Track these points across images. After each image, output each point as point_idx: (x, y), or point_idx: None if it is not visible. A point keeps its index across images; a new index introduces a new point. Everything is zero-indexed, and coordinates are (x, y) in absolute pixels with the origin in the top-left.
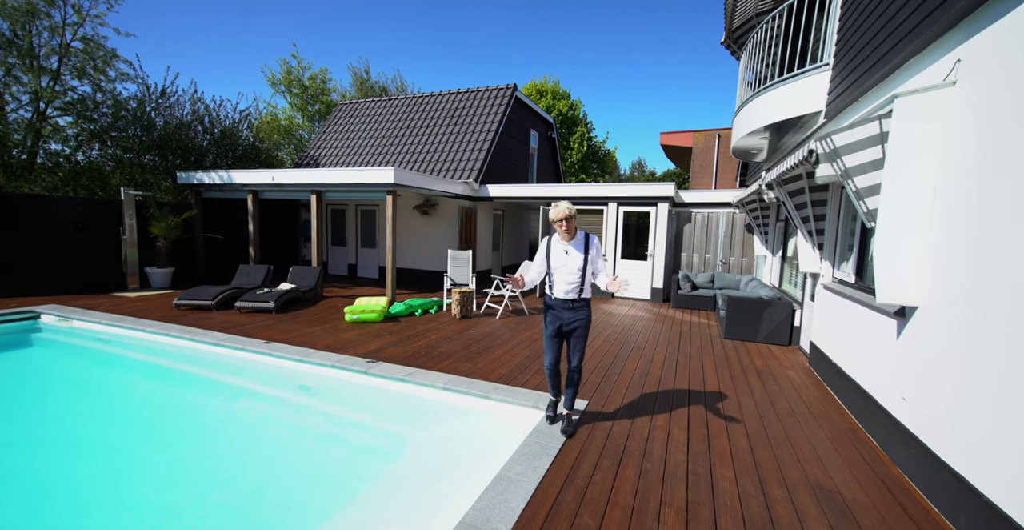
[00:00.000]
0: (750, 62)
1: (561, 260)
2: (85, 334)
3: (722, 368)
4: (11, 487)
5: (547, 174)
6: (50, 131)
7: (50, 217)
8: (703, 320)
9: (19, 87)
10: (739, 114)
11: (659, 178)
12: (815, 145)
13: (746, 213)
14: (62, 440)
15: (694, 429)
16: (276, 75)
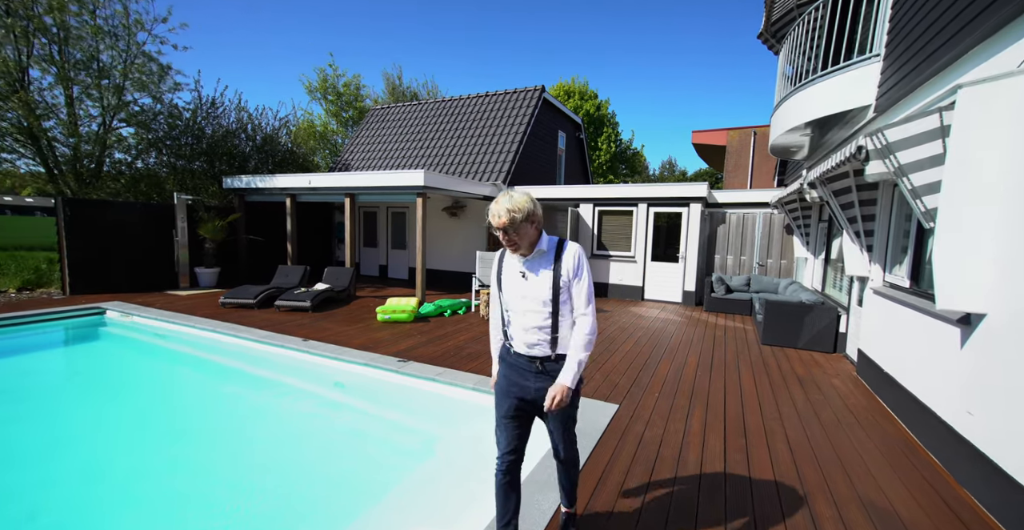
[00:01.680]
0: (790, 56)
1: (516, 288)
2: (144, 329)
3: (760, 374)
4: (74, 461)
5: (575, 175)
6: (114, 141)
7: (113, 221)
8: (738, 324)
9: (91, 102)
10: (778, 110)
11: (690, 178)
12: (865, 141)
13: (785, 213)
14: (118, 425)
15: (731, 438)
16: (313, 83)
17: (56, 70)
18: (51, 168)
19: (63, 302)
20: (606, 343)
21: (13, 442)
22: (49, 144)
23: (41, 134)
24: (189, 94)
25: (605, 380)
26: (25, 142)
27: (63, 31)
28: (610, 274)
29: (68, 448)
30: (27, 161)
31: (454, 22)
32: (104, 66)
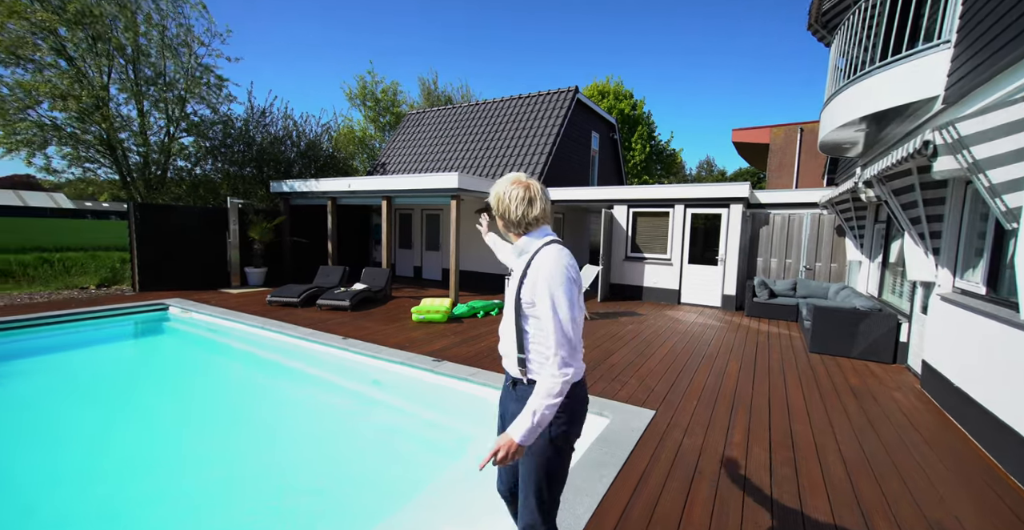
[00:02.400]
0: (843, 47)
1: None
2: (200, 324)
3: (808, 384)
4: (134, 442)
5: (609, 176)
6: (177, 150)
7: (175, 224)
8: (783, 331)
9: (158, 114)
10: (829, 105)
11: (730, 178)
12: (932, 135)
13: (836, 214)
14: (174, 412)
15: (777, 450)
16: (353, 90)
17: (130, 86)
18: (124, 175)
19: (133, 298)
20: (641, 347)
21: (93, 420)
22: (123, 154)
23: (117, 145)
24: (240, 106)
25: (641, 385)
26: (104, 152)
27: (136, 50)
28: (645, 277)
29: (130, 430)
30: (105, 169)
31: (489, 23)
32: (169, 80)
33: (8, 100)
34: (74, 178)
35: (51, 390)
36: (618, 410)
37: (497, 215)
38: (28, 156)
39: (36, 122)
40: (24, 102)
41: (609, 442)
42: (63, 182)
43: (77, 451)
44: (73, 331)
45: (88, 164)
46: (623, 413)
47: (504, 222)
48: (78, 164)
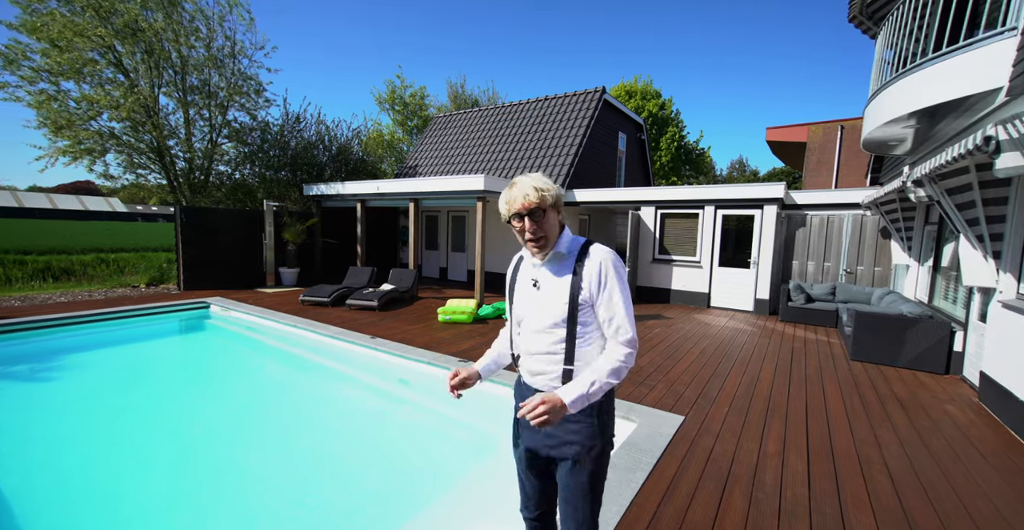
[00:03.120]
0: (890, 39)
1: (526, 301)
2: (239, 322)
3: (850, 393)
4: (179, 428)
5: (636, 177)
6: (219, 155)
7: (216, 226)
8: (821, 337)
9: (202, 121)
10: (875, 100)
11: (763, 178)
12: (995, 130)
13: (881, 215)
14: (213, 404)
15: (816, 461)
16: (382, 94)
17: (178, 95)
18: (172, 180)
19: (178, 297)
20: (670, 351)
21: (143, 409)
22: (171, 160)
23: (166, 151)
24: (277, 110)
25: (669, 390)
26: (155, 159)
27: (183, 62)
28: (673, 279)
29: (176, 420)
30: (155, 175)
31: (519, 24)
32: (213, 90)
33: (75, 113)
34: (128, 183)
35: (107, 381)
36: (646, 415)
37: (555, 207)
38: (90, 163)
39: (97, 132)
40: (88, 114)
41: (637, 447)
42: (119, 187)
43: (131, 435)
44: (126, 327)
45: (140, 170)
46: (651, 418)
47: (561, 213)
48: (132, 170)
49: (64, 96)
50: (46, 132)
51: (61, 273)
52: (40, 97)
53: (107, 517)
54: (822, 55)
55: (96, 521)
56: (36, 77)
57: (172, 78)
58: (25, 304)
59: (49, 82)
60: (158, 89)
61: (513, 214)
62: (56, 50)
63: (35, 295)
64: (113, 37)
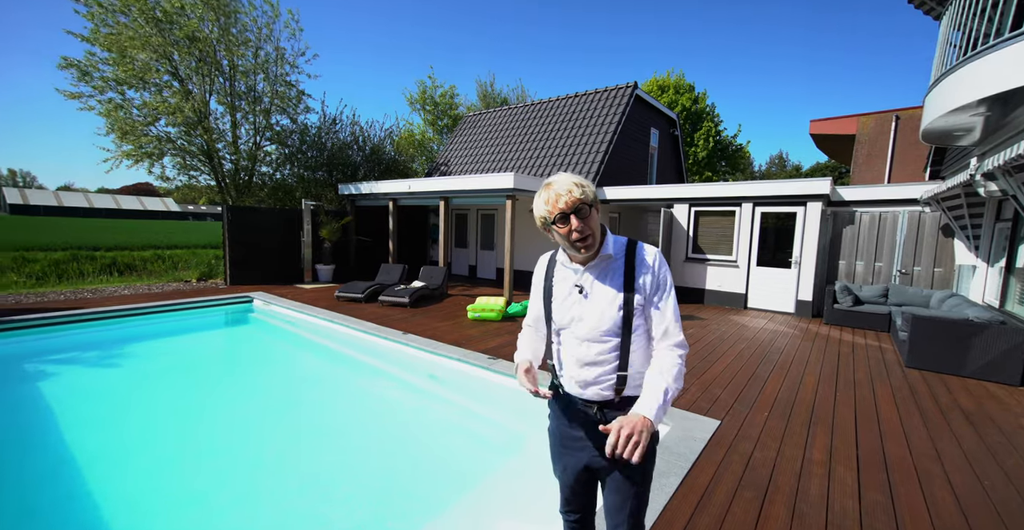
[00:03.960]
0: (957, 18)
1: (570, 308)
2: (279, 316)
3: (906, 403)
4: (222, 414)
5: (668, 174)
6: (262, 157)
7: (259, 224)
8: (872, 342)
9: (248, 125)
10: (939, 87)
11: (806, 173)
12: None
13: (943, 212)
14: (254, 392)
15: (868, 473)
16: (413, 95)
17: (227, 100)
18: (220, 181)
19: (225, 291)
20: (704, 352)
21: (195, 394)
22: (219, 162)
23: (215, 154)
24: (315, 115)
25: (704, 392)
26: (205, 161)
27: (233, 69)
28: (707, 279)
29: (218, 404)
30: (205, 176)
31: (552, 24)
32: (258, 95)
33: (137, 119)
34: (181, 184)
35: (163, 368)
36: (679, 417)
37: (595, 206)
38: (149, 166)
39: (156, 136)
40: (148, 119)
41: (670, 451)
42: (173, 188)
43: (179, 419)
44: (180, 319)
45: (192, 172)
46: (684, 421)
47: (597, 208)
48: (185, 172)
49: (128, 104)
50: (113, 137)
51: (124, 268)
52: (109, 106)
53: (154, 488)
54: (868, 42)
55: (143, 491)
56: (105, 87)
57: (222, 84)
58: (96, 296)
59: (116, 91)
60: (209, 95)
61: (557, 215)
62: (123, 60)
63: (103, 288)
64: (172, 47)
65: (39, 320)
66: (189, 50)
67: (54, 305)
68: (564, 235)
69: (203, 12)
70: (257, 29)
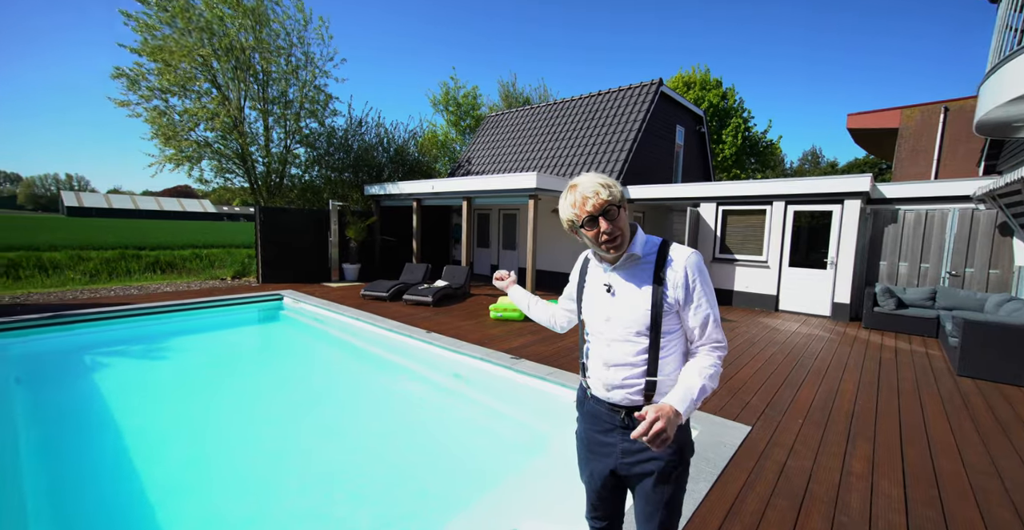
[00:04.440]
0: (1017, 1)
1: (600, 308)
2: (307, 313)
3: (957, 413)
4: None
5: (694, 172)
6: (292, 159)
7: (288, 224)
8: (918, 347)
9: (279, 128)
10: (996, 75)
11: (842, 170)
12: None
13: (1000, 209)
14: (283, 386)
15: (915, 486)
16: (436, 96)
17: (259, 106)
18: (252, 183)
19: (257, 289)
20: (733, 356)
21: (231, 386)
22: (252, 164)
23: (248, 157)
24: (342, 118)
25: (733, 397)
26: (239, 164)
27: (266, 75)
28: (735, 280)
29: (247, 398)
30: (239, 178)
31: (583, 23)
32: (289, 99)
33: (179, 125)
34: (218, 186)
35: (201, 362)
36: (706, 422)
37: (623, 206)
38: (189, 169)
39: (195, 141)
40: (188, 125)
41: (698, 455)
42: (210, 190)
43: (211, 409)
44: (217, 314)
45: (227, 174)
46: (713, 426)
47: (625, 207)
48: (221, 174)
49: (171, 110)
50: (157, 143)
51: (166, 266)
52: (154, 112)
53: (183, 470)
54: (912, 29)
55: (174, 471)
56: (151, 95)
57: (255, 90)
58: (141, 293)
59: (160, 99)
60: (244, 100)
61: (585, 218)
62: (167, 69)
63: (148, 285)
64: (212, 55)
65: (94, 315)
66: (227, 58)
67: (106, 301)
68: (592, 237)
69: (241, 21)
70: (288, 35)
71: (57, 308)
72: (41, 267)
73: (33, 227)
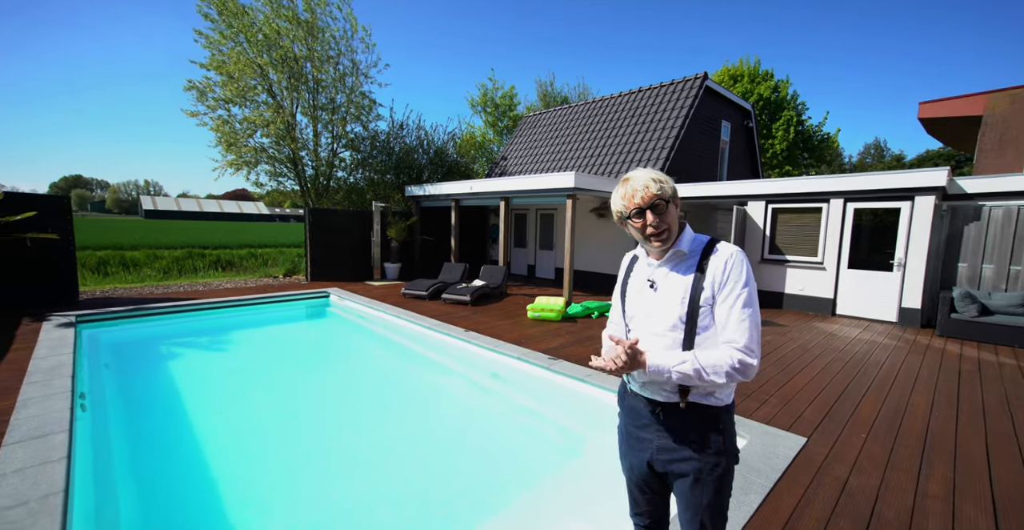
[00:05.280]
0: None
1: (640, 302)
2: (351, 310)
3: None
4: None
5: (741, 169)
6: (338, 162)
7: (334, 225)
8: (1006, 359)
9: (327, 133)
10: None
11: (912, 163)
12: None
13: None
14: (328, 380)
15: (1007, 516)
16: (475, 98)
17: (310, 112)
18: (302, 185)
19: (306, 286)
20: (784, 362)
21: (284, 378)
22: (302, 168)
23: (299, 161)
24: (384, 122)
25: (785, 406)
26: (291, 168)
27: (316, 83)
28: (786, 282)
29: (294, 391)
30: (291, 182)
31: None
32: (336, 106)
33: (239, 132)
34: (271, 189)
35: (255, 354)
36: (756, 431)
37: (674, 202)
38: (247, 173)
39: (253, 147)
40: (247, 132)
41: (748, 466)
42: (265, 193)
43: (270, 398)
44: (270, 310)
45: (280, 178)
46: (763, 435)
47: (676, 204)
48: (275, 178)
49: (232, 119)
50: (221, 149)
51: (226, 264)
52: (218, 121)
53: (238, 450)
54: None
55: (231, 450)
56: (216, 105)
57: (306, 98)
58: (206, 289)
59: (224, 109)
60: (296, 108)
61: (633, 210)
62: (231, 81)
63: (211, 282)
64: (270, 66)
65: (167, 308)
66: (283, 69)
67: (176, 296)
68: (639, 228)
69: (295, 33)
70: (336, 44)
71: (137, 301)
72: (124, 264)
73: (118, 228)
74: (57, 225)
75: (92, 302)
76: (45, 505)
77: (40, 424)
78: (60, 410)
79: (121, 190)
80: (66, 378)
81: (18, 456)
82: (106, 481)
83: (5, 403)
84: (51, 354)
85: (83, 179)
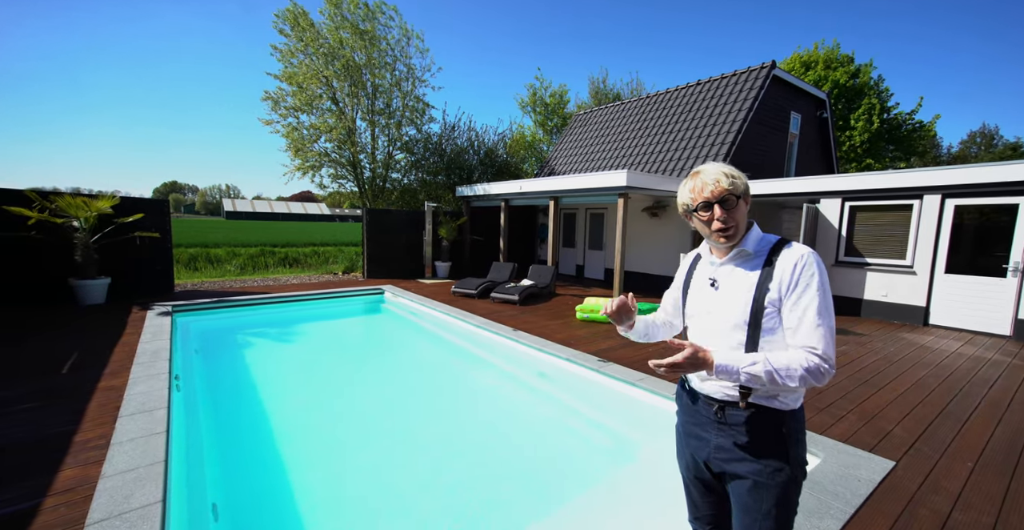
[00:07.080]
0: None
1: (702, 301)
2: (404, 307)
3: None
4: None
5: (812, 163)
6: (393, 164)
7: (389, 224)
8: None
9: (383, 137)
10: None
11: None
12: None
13: None
14: (381, 373)
15: None
16: (524, 99)
17: (368, 117)
18: (361, 187)
19: (363, 283)
20: (864, 375)
21: (343, 370)
22: (361, 171)
23: (358, 164)
24: (436, 125)
25: (866, 424)
26: (350, 170)
27: (374, 89)
28: (866, 287)
29: (348, 384)
30: (350, 184)
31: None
32: (392, 110)
33: (306, 138)
34: (333, 191)
35: (318, 345)
36: (831, 449)
37: (745, 198)
38: (312, 176)
39: (317, 152)
40: (312, 138)
41: (823, 488)
42: (327, 194)
43: (329, 387)
44: (331, 305)
45: (341, 180)
46: (840, 455)
47: (749, 206)
48: (336, 180)
49: (300, 126)
50: (290, 154)
51: (292, 261)
52: (288, 128)
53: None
54: None
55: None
56: (287, 114)
57: (365, 104)
58: (276, 284)
59: (293, 117)
60: (356, 113)
61: (701, 202)
62: (300, 91)
63: (280, 277)
64: (333, 76)
65: (244, 301)
66: (345, 77)
67: (251, 289)
68: (705, 222)
69: (356, 41)
70: (392, 50)
71: (220, 294)
72: (209, 260)
73: (204, 228)
74: (158, 225)
75: (184, 294)
76: (151, 472)
77: (146, 400)
78: (160, 389)
79: (208, 194)
80: (165, 361)
81: (130, 427)
82: (197, 454)
83: (121, 380)
84: (154, 339)
85: (178, 184)
